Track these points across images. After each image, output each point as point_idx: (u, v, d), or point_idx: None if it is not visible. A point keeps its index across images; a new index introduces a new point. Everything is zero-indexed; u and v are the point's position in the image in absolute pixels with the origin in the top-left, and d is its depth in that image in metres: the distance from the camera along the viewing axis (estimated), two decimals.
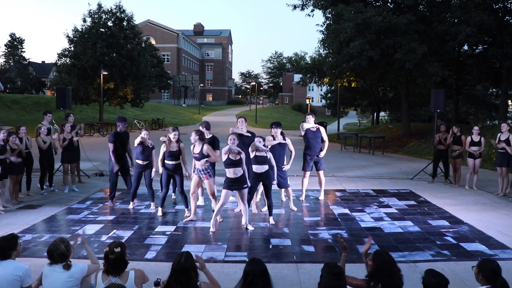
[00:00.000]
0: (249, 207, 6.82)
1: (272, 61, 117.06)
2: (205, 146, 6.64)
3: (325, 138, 8.36)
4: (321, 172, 8.53)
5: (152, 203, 7.89)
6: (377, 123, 38.03)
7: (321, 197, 8.73)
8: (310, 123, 8.31)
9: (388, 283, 3.15)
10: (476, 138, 9.67)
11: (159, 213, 7.37)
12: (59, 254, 3.53)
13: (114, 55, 29.38)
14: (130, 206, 7.88)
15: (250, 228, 6.54)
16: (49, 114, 9.77)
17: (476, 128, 9.74)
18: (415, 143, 19.37)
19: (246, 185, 6.40)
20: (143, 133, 7.51)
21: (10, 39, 60.80)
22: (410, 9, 18.09)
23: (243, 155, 6.29)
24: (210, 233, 6.36)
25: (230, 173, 6.30)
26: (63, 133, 9.23)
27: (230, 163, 6.23)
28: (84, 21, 29.88)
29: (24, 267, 3.58)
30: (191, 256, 3.28)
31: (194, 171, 6.96)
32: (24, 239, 5.91)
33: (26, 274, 3.54)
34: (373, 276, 3.21)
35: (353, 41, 17.27)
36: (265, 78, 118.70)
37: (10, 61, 61.14)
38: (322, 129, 8.32)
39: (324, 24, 21.48)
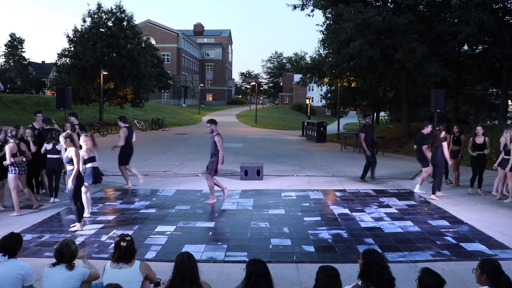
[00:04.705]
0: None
1: (272, 61, 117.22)
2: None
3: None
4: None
5: None
6: (377, 123, 38.02)
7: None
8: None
9: (380, 279, 3.16)
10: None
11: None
12: (70, 254, 3.59)
13: (114, 55, 29.39)
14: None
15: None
16: (38, 114, 9.39)
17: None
18: None
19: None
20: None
21: (10, 39, 61.01)
22: (410, 9, 18.07)
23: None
24: (210, 233, 6.36)
25: None
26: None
27: None
28: (84, 21, 29.89)
29: (26, 266, 3.62)
30: (192, 255, 3.40)
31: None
32: (24, 239, 5.84)
33: (28, 273, 3.59)
34: (364, 275, 3.23)
35: (353, 41, 17.25)
36: (265, 78, 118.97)
37: (10, 61, 61.24)
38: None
39: (324, 24, 21.47)
